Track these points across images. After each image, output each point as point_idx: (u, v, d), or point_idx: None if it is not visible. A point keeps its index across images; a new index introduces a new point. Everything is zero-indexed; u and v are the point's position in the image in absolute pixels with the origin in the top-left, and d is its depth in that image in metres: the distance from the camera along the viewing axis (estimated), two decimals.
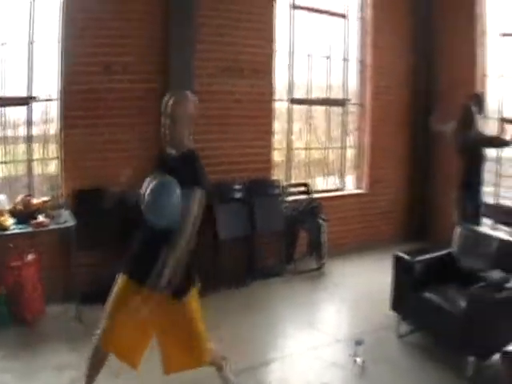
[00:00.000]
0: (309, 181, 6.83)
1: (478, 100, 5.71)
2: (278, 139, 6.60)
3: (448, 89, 6.98)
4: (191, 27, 5.30)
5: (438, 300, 4.15)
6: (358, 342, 3.96)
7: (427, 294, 4.24)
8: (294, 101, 6.59)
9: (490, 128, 6.22)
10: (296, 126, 6.82)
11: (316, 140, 7.05)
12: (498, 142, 5.63)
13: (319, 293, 5.62)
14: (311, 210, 6.28)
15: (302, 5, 6.48)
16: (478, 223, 5.35)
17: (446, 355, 4.09)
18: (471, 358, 3.79)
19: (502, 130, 5.47)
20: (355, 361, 3.89)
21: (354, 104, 7.26)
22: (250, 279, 5.69)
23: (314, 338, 4.48)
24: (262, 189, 6.06)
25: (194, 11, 5.29)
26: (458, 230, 4.79)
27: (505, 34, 6.60)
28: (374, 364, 3.92)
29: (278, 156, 6.62)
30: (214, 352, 3.14)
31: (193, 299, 2.95)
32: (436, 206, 7.27)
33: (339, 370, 3.94)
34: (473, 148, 5.44)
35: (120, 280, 2.93)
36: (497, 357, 3.72)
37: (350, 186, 7.40)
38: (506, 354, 3.57)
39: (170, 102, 2.85)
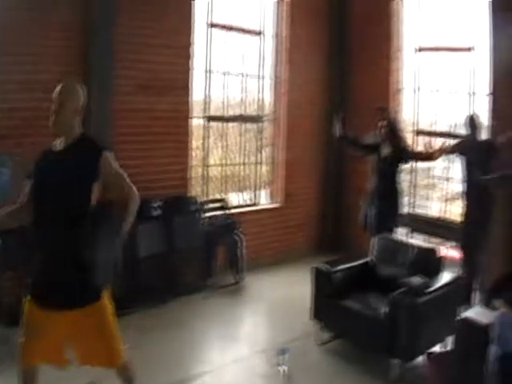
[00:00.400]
0: (224, 196, 7.25)
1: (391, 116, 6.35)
2: (194, 156, 6.97)
3: (362, 103, 7.53)
4: (109, 46, 5.55)
5: (359, 307, 4.51)
6: (281, 352, 4.31)
7: (347, 302, 4.60)
8: (210, 118, 7.00)
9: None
10: (211, 142, 7.25)
11: (231, 156, 7.52)
12: (426, 157, 6.11)
13: (240, 306, 6.04)
14: (228, 226, 6.71)
15: (218, 23, 6.89)
16: (393, 232, 5.81)
17: (366, 360, 4.53)
18: (395, 361, 4.18)
19: (430, 145, 6.01)
20: (279, 370, 4.26)
21: (268, 120, 7.76)
22: (171, 296, 5.93)
23: (238, 351, 4.86)
24: (179, 205, 6.36)
25: (112, 30, 5.55)
26: (374, 240, 5.23)
27: (421, 49, 7.34)
28: (297, 372, 4.30)
29: (194, 172, 6.96)
30: (128, 359, 3.25)
31: (106, 303, 3.05)
32: (348, 217, 7.72)
33: (265, 379, 4.32)
34: (397, 162, 5.97)
35: (26, 300, 3.06)
36: (420, 358, 4.26)
37: (265, 201, 7.88)
38: (430, 355, 4.13)
39: (58, 88, 2.96)
